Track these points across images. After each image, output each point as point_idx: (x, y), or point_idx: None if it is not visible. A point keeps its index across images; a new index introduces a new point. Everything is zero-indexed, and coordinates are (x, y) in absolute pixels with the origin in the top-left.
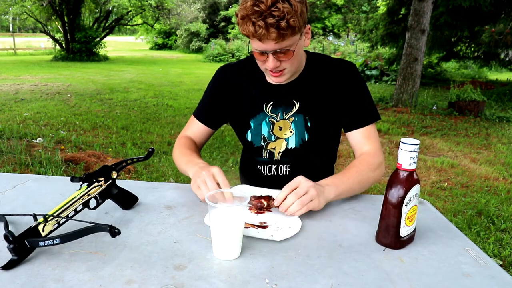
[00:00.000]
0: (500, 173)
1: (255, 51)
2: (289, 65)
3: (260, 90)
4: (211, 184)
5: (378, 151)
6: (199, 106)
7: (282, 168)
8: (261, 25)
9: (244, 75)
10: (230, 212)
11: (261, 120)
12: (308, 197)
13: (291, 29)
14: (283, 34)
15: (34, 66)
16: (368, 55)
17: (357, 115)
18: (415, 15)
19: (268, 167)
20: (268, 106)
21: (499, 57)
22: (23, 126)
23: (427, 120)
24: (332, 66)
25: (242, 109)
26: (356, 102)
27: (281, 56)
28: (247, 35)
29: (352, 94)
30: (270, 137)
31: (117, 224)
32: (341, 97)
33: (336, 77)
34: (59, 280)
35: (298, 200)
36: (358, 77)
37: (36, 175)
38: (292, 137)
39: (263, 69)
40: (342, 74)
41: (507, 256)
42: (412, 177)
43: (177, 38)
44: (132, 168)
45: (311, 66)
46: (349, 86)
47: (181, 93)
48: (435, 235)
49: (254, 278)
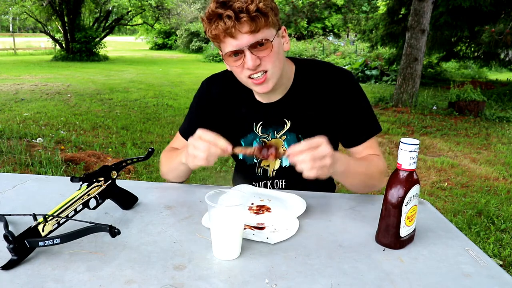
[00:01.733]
0: (500, 173)
1: (229, 54)
2: (270, 64)
3: (248, 109)
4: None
5: (383, 160)
6: (185, 122)
7: (278, 182)
8: (230, 15)
9: (231, 90)
10: (230, 212)
11: (252, 140)
12: (322, 163)
13: (262, 15)
14: (255, 20)
15: (34, 66)
16: (368, 55)
17: (358, 131)
18: (415, 15)
19: (263, 183)
20: (258, 126)
21: (499, 57)
22: (23, 126)
23: (427, 120)
24: (325, 76)
25: (231, 128)
26: (356, 117)
27: (259, 51)
28: (217, 35)
29: (351, 108)
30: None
31: (117, 224)
32: (338, 111)
33: (330, 89)
34: (59, 280)
35: (311, 162)
36: (355, 88)
37: (36, 175)
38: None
39: (244, 79)
40: (337, 85)
41: (507, 256)
42: (412, 177)
43: (177, 38)
44: (132, 168)
45: (301, 78)
46: (346, 99)
47: (181, 93)
48: (435, 235)
49: (254, 278)
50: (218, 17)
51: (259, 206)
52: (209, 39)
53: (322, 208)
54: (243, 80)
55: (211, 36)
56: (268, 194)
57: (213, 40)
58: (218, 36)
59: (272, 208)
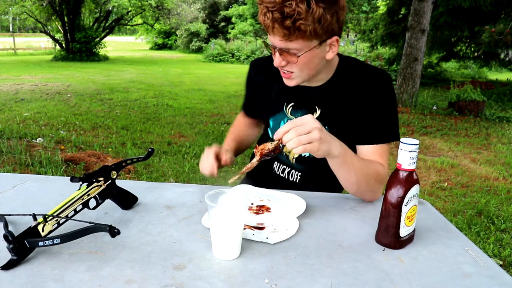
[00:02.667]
0: (500, 173)
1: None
2: (297, 70)
3: (282, 89)
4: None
5: (386, 170)
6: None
7: (293, 173)
8: (269, 17)
9: (270, 70)
10: (230, 212)
11: (280, 120)
12: (308, 138)
13: (298, 32)
14: (287, 34)
15: (34, 66)
16: (368, 55)
17: (373, 131)
18: (415, 15)
19: (283, 167)
20: (288, 107)
21: (499, 57)
22: (23, 126)
23: (427, 120)
24: (365, 75)
25: (264, 106)
26: (377, 118)
27: (287, 55)
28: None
29: (377, 108)
30: None
31: (117, 224)
32: (365, 108)
33: (367, 88)
34: (59, 280)
35: (296, 138)
36: (390, 91)
37: (36, 175)
38: None
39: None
40: (375, 85)
41: (507, 256)
42: (412, 177)
43: (177, 38)
44: (132, 168)
45: (342, 72)
46: (376, 99)
47: (181, 93)
48: (434, 235)
49: (254, 278)
50: (262, 9)
51: (259, 206)
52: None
53: (322, 208)
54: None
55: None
56: (268, 194)
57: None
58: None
59: (272, 208)
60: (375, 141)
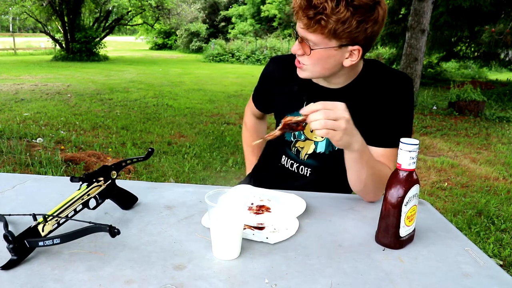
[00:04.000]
0: (500, 173)
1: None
2: (309, 63)
3: (302, 88)
4: None
5: None
6: (255, 90)
7: (303, 169)
8: (297, 2)
9: (290, 69)
10: (230, 212)
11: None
12: (334, 124)
13: (317, 25)
14: (307, 24)
15: (34, 66)
16: (368, 55)
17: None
18: (415, 15)
19: (291, 162)
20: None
21: (499, 57)
22: (23, 126)
23: (427, 120)
24: (388, 79)
25: (281, 103)
26: (394, 122)
27: (304, 46)
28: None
29: (395, 112)
30: (300, 135)
31: (117, 224)
32: (382, 111)
33: (389, 92)
34: (59, 280)
35: (323, 120)
36: (410, 96)
37: (36, 175)
38: (322, 142)
39: None
40: (396, 89)
41: (507, 256)
42: (412, 177)
43: (177, 38)
44: (132, 168)
45: (366, 76)
46: (397, 103)
47: (181, 93)
48: (434, 235)
49: (254, 278)
50: None
51: (259, 206)
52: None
53: (322, 208)
54: None
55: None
56: (268, 194)
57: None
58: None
59: (272, 208)
60: (388, 145)
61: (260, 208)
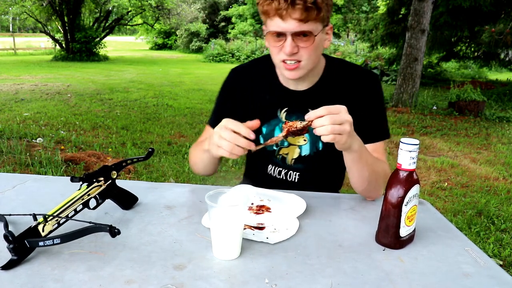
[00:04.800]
0: (500, 173)
1: (272, 34)
2: (307, 56)
3: (274, 95)
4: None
5: (388, 166)
6: (213, 114)
7: (292, 174)
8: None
9: (257, 77)
10: (230, 212)
11: (274, 125)
12: (340, 129)
13: (317, 9)
14: (308, 11)
15: (34, 66)
16: (368, 55)
17: (369, 131)
18: (415, 15)
19: (279, 170)
20: (283, 112)
21: (499, 57)
22: (23, 126)
23: (427, 120)
24: (354, 75)
25: (255, 114)
26: (371, 117)
27: (301, 41)
28: (267, 11)
29: (370, 108)
30: (283, 142)
31: (117, 224)
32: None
33: (356, 87)
34: (59, 280)
35: (330, 126)
36: (379, 91)
37: (36, 175)
38: (306, 145)
39: (277, 61)
40: (363, 85)
41: (507, 256)
42: (412, 177)
43: (177, 38)
44: (132, 168)
45: (330, 72)
46: (368, 99)
47: (181, 93)
48: (434, 235)
49: (254, 278)
50: None
51: (259, 206)
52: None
53: (322, 208)
54: (276, 61)
55: (262, 10)
56: (268, 194)
57: (262, 14)
58: (268, 12)
59: (272, 208)
60: (373, 140)
61: (260, 208)
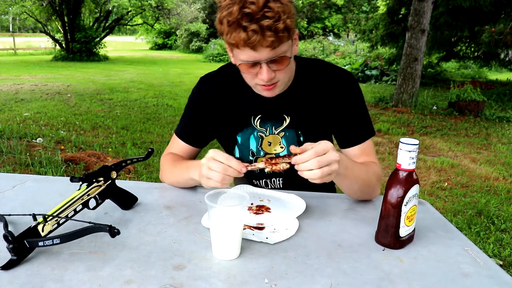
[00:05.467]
0: (500, 173)
1: (244, 63)
2: (283, 75)
3: (246, 103)
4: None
5: (379, 165)
6: (181, 123)
7: (275, 181)
8: (256, 30)
9: (227, 85)
10: (230, 212)
11: (249, 134)
12: (329, 170)
13: (287, 32)
14: (280, 37)
15: (34, 66)
16: (368, 55)
17: (355, 132)
18: (415, 15)
19: (264, 181)
20: (256, 120)
21: (499, 57)
22: (23, 126)
23: (427, 120)
24: (326, 76)
25: (228, 123)
26: (354, 118)
27: (276, 64)
28: (235, 44)
29: (350, 109)
30: (259, 152)
31: (117, 224)
32: (337, 111)
33: (331, 89)
34: (59, 280)
35: (318, 170)
36: (356, 90)
37: (36, 175)
38: (283, 152)
39: (252, 83)
40: (337, 85)
41: (507, 256)
42: (412, 177)
43: (177, 38)
44: (132, 168)
45: (302, 75)
46: (346, 100)
47: (181, 93)
48: (434, 235)
49: (254, 278)
50: (242, 28)
51: (259, 206)
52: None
53: (321, 208)
54: (251, 83)
55: (229, 42)
56: (267, 194)
57: (229, 45)
58: (237, 44)
59: (271, 208)
60: (359, 141)
61: (260, 208)
